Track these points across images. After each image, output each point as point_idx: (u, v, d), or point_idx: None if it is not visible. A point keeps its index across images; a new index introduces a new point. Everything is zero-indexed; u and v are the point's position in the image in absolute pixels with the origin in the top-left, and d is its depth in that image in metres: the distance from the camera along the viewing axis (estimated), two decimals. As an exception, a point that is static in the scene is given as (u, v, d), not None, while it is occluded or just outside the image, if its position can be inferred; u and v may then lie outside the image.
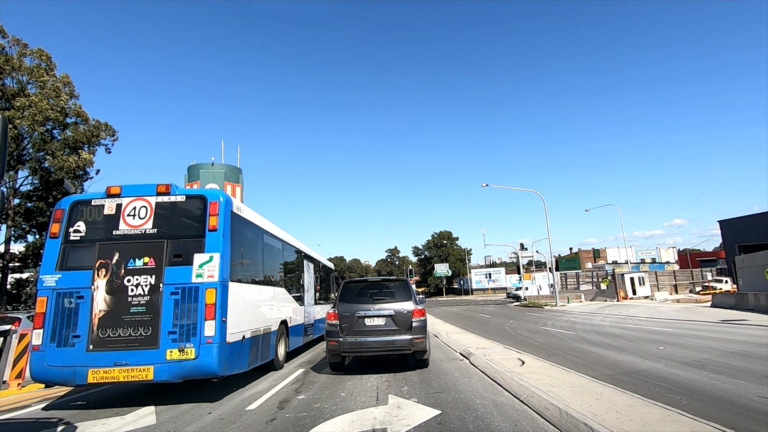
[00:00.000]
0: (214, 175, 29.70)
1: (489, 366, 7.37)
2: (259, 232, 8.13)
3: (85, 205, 6.33)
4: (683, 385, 6.05)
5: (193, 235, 6.18)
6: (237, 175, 30.30)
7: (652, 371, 7.09)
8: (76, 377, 5.61)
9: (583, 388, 5.39)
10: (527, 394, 5.34)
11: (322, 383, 6.99)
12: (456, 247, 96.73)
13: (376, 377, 7.31)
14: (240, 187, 31.19)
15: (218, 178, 29.30)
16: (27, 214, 21.44)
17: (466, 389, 6.12)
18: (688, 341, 10.66)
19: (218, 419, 5.08)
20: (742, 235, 37.32)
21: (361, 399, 5.74)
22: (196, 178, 28.05)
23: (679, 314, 19.38)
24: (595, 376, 6.25)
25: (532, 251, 46.60)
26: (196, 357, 5.68)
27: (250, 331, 7.00)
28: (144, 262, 6.01)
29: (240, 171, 30.52)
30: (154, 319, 5.79)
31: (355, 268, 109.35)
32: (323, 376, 7.73)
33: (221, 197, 6.38)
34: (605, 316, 20.95)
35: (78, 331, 5.76)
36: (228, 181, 30.11)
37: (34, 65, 20.89)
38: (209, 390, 6.81)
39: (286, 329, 9.49)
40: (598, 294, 39.70)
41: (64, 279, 5.96)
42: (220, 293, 5.94)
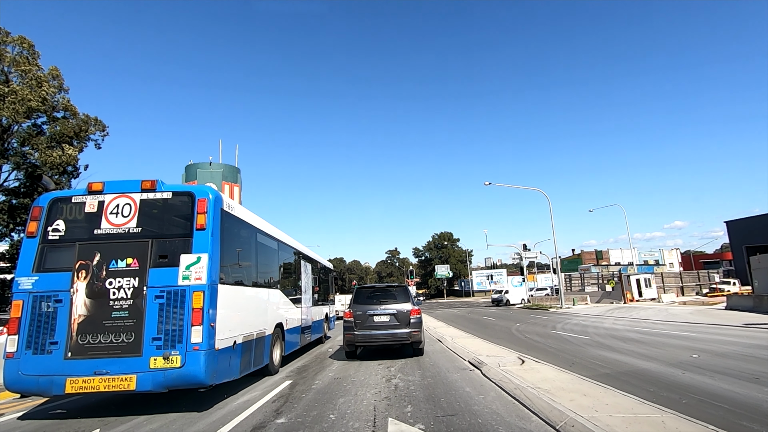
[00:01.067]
0: (212, 174, 29.27)
1: (507, 380, 6.49)
2: (253, 231, 7.73)
3: (65, 203, 5.93)
4: (754, 408, 4.96)
5: (180, 235, 5.79)
6: (235, 175, 29.77)
7: (702, 387, 6.09)
8: (53, 387, 5.22)
9: (636, 414, 4.38)
10: (564, 421, 4.33)
11: (309, 401, 5.95)
12: (457, 248, 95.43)
13: (374, 394, 6.88)
14: (238, 187, 30.66)
15: (216, 177, 28.92)
16: (11, 211, 20.83)
17: (483, 411, 5.11)
18: (721, 348, 9.71)
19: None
20: (750, 236, 36.78)
21: (354, 425, 4.70)
22: (194, 177, 27.68)
23: (694, 317, 18.32)
24: (642, 396, 5.26)
25: (536, 252, 44.56)
26: (182, 365, 5.29)
27: (242, 336, 6.61)
28: (127, 264, 5.62)
29: (238, 171, 29.95)
30: (138, 324, 5.39)
31: (355, 270, 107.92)
32: (312, 391, 6.66)
33: (210, 194, 5.98)
34: (616, 318, 19.94)
35: (56, 337, 5.37)
36: (226, 180, 29.72)
37: (17, 53, 20.36)
38: (198, 398, 6.41)
39: (282, 332, 9.10)
40: (604, 296, 37.98)
41: (41, 281, 5.57)
42: (209, 297, 5.54)
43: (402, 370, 8.26)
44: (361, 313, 9.67)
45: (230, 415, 5.38)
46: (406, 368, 8.41)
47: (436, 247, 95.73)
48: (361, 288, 10.49)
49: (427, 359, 9.53)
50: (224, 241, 6.12)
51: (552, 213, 31.12)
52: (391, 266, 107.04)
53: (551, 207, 31.19)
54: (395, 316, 9.62)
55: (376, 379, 7.47)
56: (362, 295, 10.17)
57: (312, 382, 7.41)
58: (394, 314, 9.63)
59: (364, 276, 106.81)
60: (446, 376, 7.53)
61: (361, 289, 10.43)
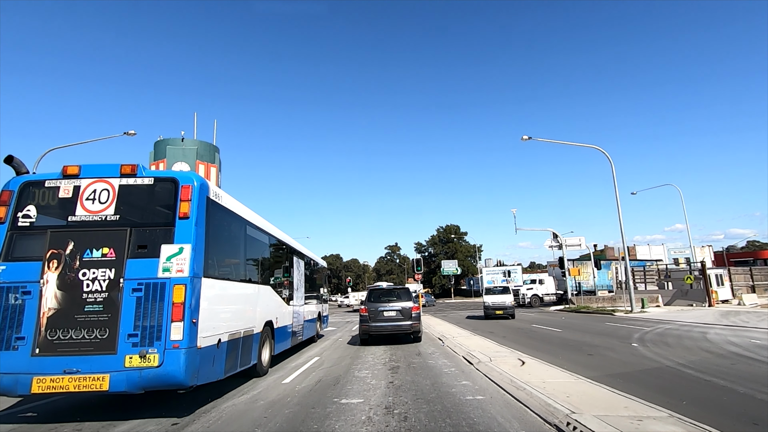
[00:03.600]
0: (185, 152, 26.04)
1: None
2: (241, 222, 7.32)
3: (37, 187, 5.51)
4: None
5: (161, 224, 5.38)
6: (212, 155, 26.87)
7: None
8: (18, 386, 4.80)
9: None
10: None
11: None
12: (464, 243, 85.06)
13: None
14: (216, 168, 27.82)
15: (189, 156, 25.99)
16: None
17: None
18: None
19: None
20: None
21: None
22: (163, 155, 24.72)
23: None
24: None
25: (579, 237, 33.37)
26: (159, 364, 4.89)
27: (227, 334, 6.20)
28: (103, 254, 5.20)
29: (216, 150, 27.12)
30: (112, 319, 4.98)
31: (352, 267, 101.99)
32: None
33: (195, 180, 5.58)
34: (734, 330, 13.93)
35: (22, 332, 4.94)
36: (201, 160, 26.43)
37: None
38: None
39: (271, 331, 8.69)
40: (677, 296, 29.00)
41: (8, 271, 5.14)
42: (190, 290, 5.14)
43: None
44: (374, 309, 12.37)
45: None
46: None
47: (441, 242, 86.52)
48: (373, 289, 13.73)
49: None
50: (209, 231, 5.71)
51: (615, 178, 23.75)
52: (391, 263, 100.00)
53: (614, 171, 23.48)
54: (400, 311, 12.32)
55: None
56: (374, 295, 13.05)
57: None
58: (399, 310, 12.33)
59: (361, 274, 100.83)
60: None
61: (373, 290, 13.57)
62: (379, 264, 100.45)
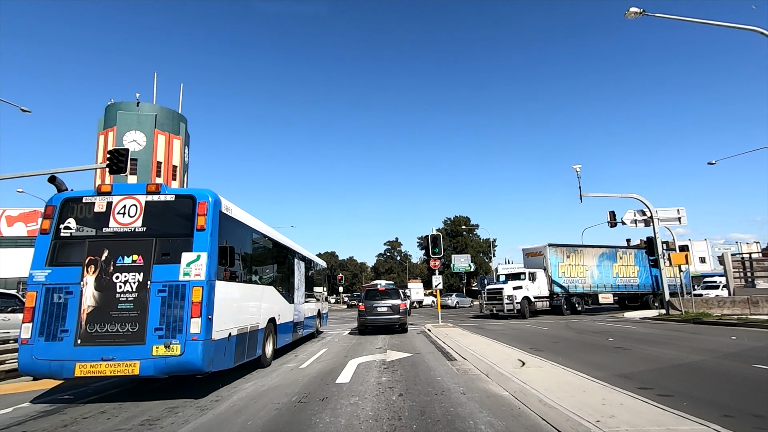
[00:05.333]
0: (140, 119, 23.26)
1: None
2: (249, 231, 8.27)
3: (76, 203, 6.46)
4: None
5: (182, 234, 6.33)
6: (177, 124, 24.47)
7: None
8: (64, 371, 5.75)
9: None
10: None
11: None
12: (475, 237, 75.94)
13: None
14: (180, 140, 24.91)
15: (145, 124, 23.06)
16: None
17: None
18: None
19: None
20: None
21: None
22: (113, 123, 22.22)
23: None
24: None
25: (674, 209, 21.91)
26: (181, 353, 5.83)
27: (236, 329, 7.15)
28: (133, 260, 6.15)
29: (183, 120, 24.57)
30: (141, 315, 5.93)
31: (348, 266, 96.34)
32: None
33: (210, 197, 6.52)
34: None
35: (66, 325, 5.89)
36: (162, 130, 24.07)
37: None
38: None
39: (274, 327, 9.64)
40: None
41: (53, 274, 6.09)
42: (207, 291, 6.08)
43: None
44: (369, 305, 15.42)
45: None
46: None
47: (449, 235, 75.92)
48: (369, 290, 16.91)
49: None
50: (222, 240, 6.65)
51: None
52: (391, 260, 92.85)
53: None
54: (390, 307, 15.32)
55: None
56: (369, 294, 16.15)
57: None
58: (389, 306, 15.34)
59: (358, 273, 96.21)
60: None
61: (369, 290, 16.88)
62: (378, 262, 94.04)
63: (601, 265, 25.48)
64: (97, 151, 38.00)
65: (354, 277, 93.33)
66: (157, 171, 38.85)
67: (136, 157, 36.14)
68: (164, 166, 38.29)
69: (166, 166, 38.52)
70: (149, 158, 37.18)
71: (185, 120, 25.02)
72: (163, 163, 37.93)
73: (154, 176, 38.54)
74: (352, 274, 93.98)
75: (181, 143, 25.74)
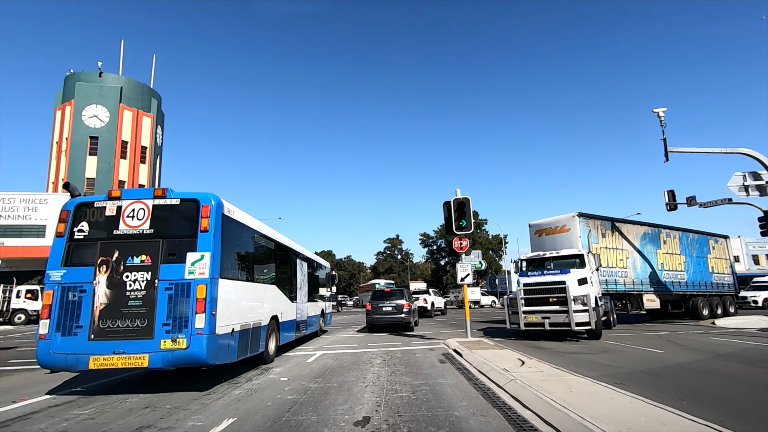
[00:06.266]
0: (102, 92, 20.54)
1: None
2: (251, 232, 8.68)
3: (88, 207, 6.90)
4: None
5: (187, 236, 6.74)
6: (147, 100, 22.05)
7: None
8: (79, 364, 6.18)
9: None
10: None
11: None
12: (483, 233, 69.77)
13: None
14: (152, 118, 22.23)
15: (109, 97, 20.24)
16: None
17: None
18: None
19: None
20: None
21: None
22: (72, 95, 19.35)
23: None
24: None
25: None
26: (187, 347, 6.23)
27: (239, 325, 7.55)
28: (141, 260, 6.57)
29: (155, 96, 22.34)
30: (150, 311, 6.34)
31: (346, 266, 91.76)
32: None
33: (213, 200, 6.93)
34: None
35: (81, 321, 6.33)
36: (128, 105, 21.44)
37: None
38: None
39: (277, 325, 10.03)
40: None
41: (68, 274, 6.53)
42: (210, 289, 6.48)
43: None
44: (375, 305, 16.70)
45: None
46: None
47: None
48: (376, 291, 18.58)
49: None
50: (224, 241, 7.05)
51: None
52: (391, 259, 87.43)
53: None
54: (395, 307, 16.43)
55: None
56: (376, 295, 17.58)
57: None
58: (394, 306, 16.45)
59: (356, 273, 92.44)
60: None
61: (376, 291, 18.47)
62: (378, 261, 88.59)
63: (644, 250, 17.75)
64: (53, 128, 34.10)
65: (352, 277, 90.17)
66: (122, 152, 34.80)
67: (96, 135, 32.30)
68: (131, 146, 34.84)
69: (133, 147, 35.02)
70: (113, 136, 33.48)
71: (158, 96, 22.44)
72: (129, 143, 34.63)
73: (118, 158, 34.12)
74: (350, 274, 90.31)
75: (152, 122, 22.85)
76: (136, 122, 30.10)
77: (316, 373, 7.90)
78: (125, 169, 35.09)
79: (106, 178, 34.21)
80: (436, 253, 77.70)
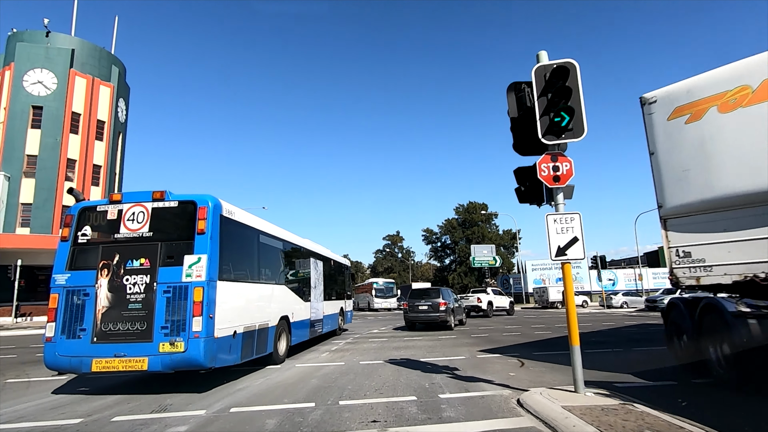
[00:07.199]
0: (49, 54, 17.25)
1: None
2: (254, 233, 8.60)
3: (91, 211, 7.00)
4: None
5: (184, 238, 6.70)
6: (106, 67, 17.85)
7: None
8: (82, 366, 6.27)
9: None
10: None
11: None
12: (494, 227, 63.37)
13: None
14: (111, 88, 18.29)
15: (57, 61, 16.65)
16: None
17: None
18: None
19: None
20: None
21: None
22: (13, 58, 16.25)
23: None
24: None
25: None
26: (185, 350, 6.20)
27: (243, 327, 7.47)
28: (141, 263, 6.59)
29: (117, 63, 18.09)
30: (149, 315, 6.35)
31: None
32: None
33: (210, 202, 6.86)
34: None
35: (84, 324, 6.42)
36: (82, 71, 17.36)
37: None
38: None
39: (287, 325, 9.96)
40: None
41: (72, 278, 6.64)
42: (207, 292, 6.42)
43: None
44: (412, 304, 17.16)
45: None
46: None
47: (461, 225, 64.24)
48: (414, 290, 19.17)
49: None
50: (223, 242, 6.97)
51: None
52: (391, 257, 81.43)
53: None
54: (431, 305, 16.72)
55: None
56: (413, 294, 18.05)
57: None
58: (430, 305, 16.74)
59: (354, 272, 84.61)
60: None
61: (413, 290, 19.07)
62: (377, 260, 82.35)
63: None
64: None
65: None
66: (73, 125, 29.98)
67: (41, 105, 28.30)
68: (84, 119, 30.04)
69: (87, 120, 30.26)
70: (61, 107, 28.61)
71: (121, 64, 18.11)
72: (82, 115, 29.83)
73: (67, 132, 29.38)
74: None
75: (111, 92, 19.44)
76: (92, 92, 25.20)
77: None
78: (76, 145, 30.32)
79: (51, 156, 29.18)
80: (440, 251, 69.96)
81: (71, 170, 30.49)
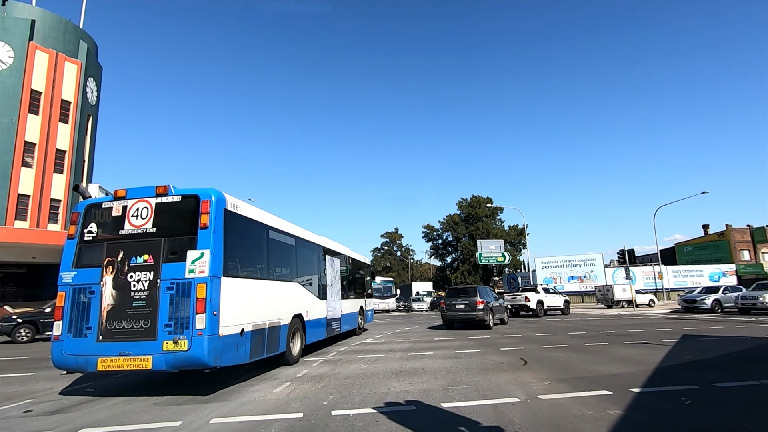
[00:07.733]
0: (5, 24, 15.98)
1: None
2: (262, 228, 8.35)
3: (97, 208, 6.90)
4: None
5: (187, 233, 6.49)
6: (72, 42, 16.60)
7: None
8: (88, 365, 6.15)
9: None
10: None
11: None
12: (499, 223, 60.90)
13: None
14: (78, 65, 17.31)
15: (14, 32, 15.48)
16: None
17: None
18: None
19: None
20: None
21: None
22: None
23: None
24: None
25: None
26: (188, 349, 5.97)
27: (251, 325, 7.22)
28: (144, 260, 6.42)
29: (86, 38, 17.00)
30: (153, 312, 6.17)
31: None
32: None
33: (213, 196, 6.63)
34: None
35: (90, 323, 6.30)
36: (44, 45, 16.00)
37: None
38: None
39: (301, 323, 9.68)
40: None
41: (79, 276, 6.55)
42: (210, 288, 6.18)
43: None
44: (449, 303, 17.17)
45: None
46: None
47: (464, 221, 61.11)
48: (451, 289, 18.66)
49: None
50: (228, 238, 6.73)
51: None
52: (390, 256, 78.05)
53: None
54: (467, 304, 16.62)
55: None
56: (450, 293, 17.97)
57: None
58: (467, 303, 16.65)
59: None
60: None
61: (450, 289, 18.61)
62: (374, 259, 77.44)
63: None
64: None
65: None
66: (33, 104, 26.79)
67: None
68: (45, 98, 26.88)
69: (49, 99, 27.02)
70: (18, 83, 25.58)
71: (91, 40, 16.19)
72: (43, 93, 26.71)
73: (25, 112, 26.24)
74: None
75: (78, 70, 17.65)
76: (55, 68, 22.53)
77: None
78: (35, 127, 27.03)
79: (6, 138, 25.80)
80: (441, 248, 65.93)
81: (29, 155, 27.16)
